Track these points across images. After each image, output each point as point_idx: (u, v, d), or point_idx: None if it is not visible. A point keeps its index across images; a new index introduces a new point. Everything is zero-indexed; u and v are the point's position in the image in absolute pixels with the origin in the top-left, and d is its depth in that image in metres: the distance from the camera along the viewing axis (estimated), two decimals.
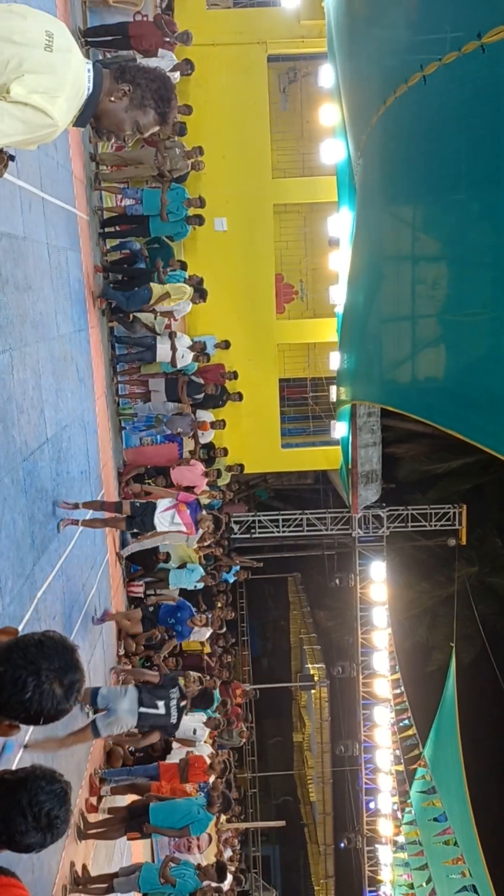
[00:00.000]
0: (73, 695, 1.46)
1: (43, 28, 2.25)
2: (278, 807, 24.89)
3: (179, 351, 10.36)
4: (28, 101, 2.11)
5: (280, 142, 14.31)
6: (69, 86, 2.24)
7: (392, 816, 17.36)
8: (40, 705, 1.41)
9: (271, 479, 17.87)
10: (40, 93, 2.13)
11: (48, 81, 2.16)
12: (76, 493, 7.31)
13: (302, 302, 15.24)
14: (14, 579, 5.08)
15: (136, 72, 2.48)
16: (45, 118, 2.15)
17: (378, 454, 14.65)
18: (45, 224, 6.64)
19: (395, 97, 7.20)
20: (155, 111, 2.51)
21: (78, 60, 2.31)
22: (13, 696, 1.40)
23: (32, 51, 2.17)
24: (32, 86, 2.12)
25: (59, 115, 2.20)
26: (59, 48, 2.23)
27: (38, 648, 1.44)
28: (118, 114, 2.48)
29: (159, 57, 9.52)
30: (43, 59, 2.18)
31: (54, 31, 2.26)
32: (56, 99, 2.18)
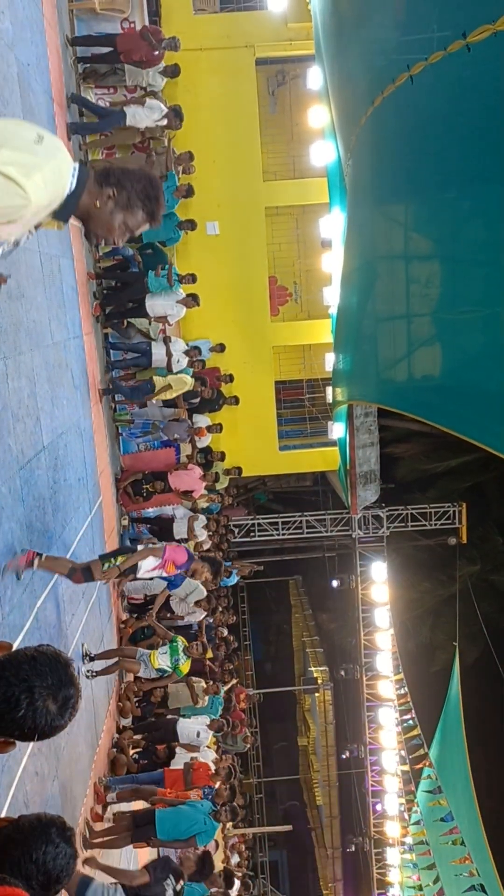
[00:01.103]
0: (68, 710, 1.45)
1: (35, 130, 2.26)
2: (285, 811, 24.84)
3: (175, 356, 10.35)
4: (1, 169, 2.05)
5: (270, 144, 14.34)
6: (49, 171, 2.20)
7: (399, 818, 17.32)
8: (34, 722, 1.40)
9: (270, 481, 17.86)
10: (15, 165, 2.08)
11: (27, 159, 2.13)
12: (74, 501, 7.30)
13: (296, 304, 15.25)
14: (13, 588, 5.06)
15: (121, 175, 2.45)
16: (16, 189, 2.08)
17: (376, 454, 14.65)
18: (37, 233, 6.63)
19: (383, 97, 7.22)
20: (143, 211, 2.50)
21: (64, 157, 2.30)
22: (6, 714, 1.38)
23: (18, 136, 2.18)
24: (8, 159, 2.08)
25: (33, 191, 2.13)
26: (48, 144, 2.23)
27: (31, 665, 1.42)
28: (106, 218, 2.47)
29: (148, 108, 9.52)
30: (27, 145, 2.17)
31: (45, 135, 2.26)
32: (32, 175, 2.12)
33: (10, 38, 6.15)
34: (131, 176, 2.47)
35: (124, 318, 10.30)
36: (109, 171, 2.45)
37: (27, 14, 6.93)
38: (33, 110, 6.82)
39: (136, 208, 2.48)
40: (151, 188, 2.50)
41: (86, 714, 7.22)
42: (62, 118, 8.39)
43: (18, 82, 6.30)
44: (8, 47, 6.07)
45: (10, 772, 4.69)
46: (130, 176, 2.47)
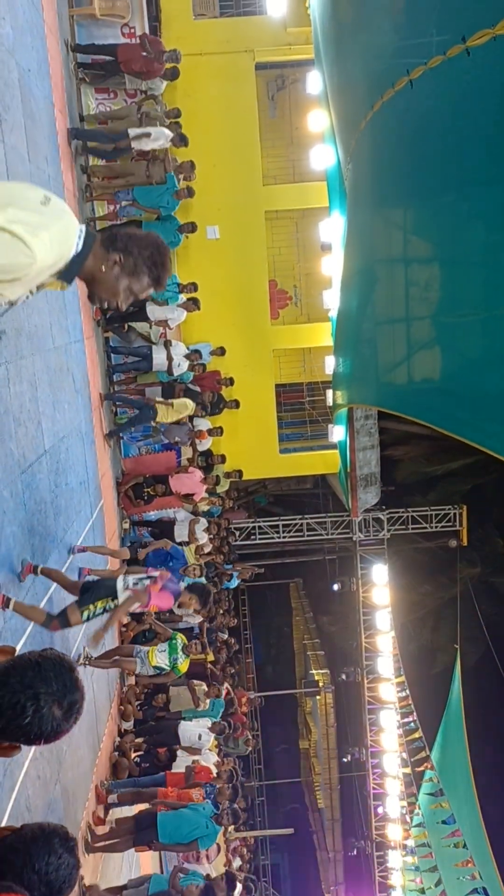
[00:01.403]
0: (73, 715, 1.45)
1: (42, 192, 2.28)
2: (286, 814, 24.81)
3: (175, 359, 10.37)
4: (7, 227, 2.05)
5: (270, 149, 14.38)
6: (55, 231, 2.21)
7: (401, 821, 17.30)
8: (40, 728, 1.40)
9: (270, 484, 17.87)
10: (22, 224, 2.09)
11: (33, 219, 2.14)
12: (76, 504, 7.31)
13: (296, 307, 15.28)
14: (16, 592, 5.08)
15: (128, 240, 2.45)
16: (22, 247, 2.08)
17: (376, 457, 14.66)
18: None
19: (383, 102, 7.24)
20: (149, 277, 2.49)
21: (70, 219, 2.31)
22: (12, 720, 1.38)
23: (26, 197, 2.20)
24: (15, 217, 2.09)
25: (39, 250, 2.13)
26: (55, 206, 2.26)
27: (36, 671, 1.42)
28: (111, 282, 2.46)
29: (153, 138, 9.56)
30: (34, 205, 2.19)
31: (52, 198, 2.28)
32: (38, 234, 2.12)
33: (10, 44, 6.18)
34: (138, 242, 2.46)
35: (125, 321, 10.32)
36: (116, 235, 2.45)
37: (28, 19, 6.96)
38: (34, 115, 6.85)
39: (141, 274, 2.47)
40: (158, 254, 2.49)
41: (87, 717, 7.22)
42: (63, 123, 8.42)
43: (19, 87, 6.33)
44: (9, 52, 6.09)
45: (13, 776, 4.70)
46: (137, 242, 2.45)
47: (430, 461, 17.55)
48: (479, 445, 6.65)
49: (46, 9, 7.84)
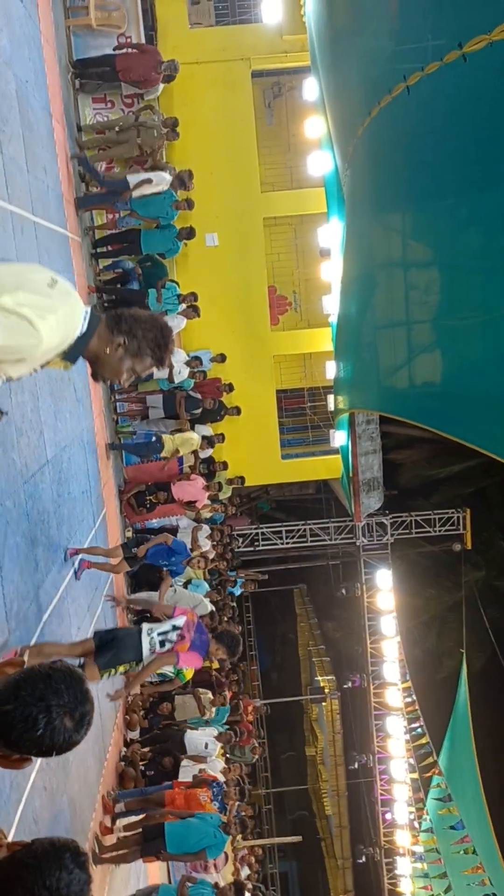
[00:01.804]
0: (84, 726, 1.45)
1: (49, 274, 2.32)
2: (294, 822, 24.68)
3: (176, 367, 10.38)
4: (16, 310, 2.11)
5: (267, 156, 14.43)
6: (62, 313, 2.26)
7: (409, 827, 17.21)
8: (52, 741, 1.40)
9: (272, 490, 17.85)
10: (30, 307, 2.14)
11: (41, 301, 2.19)
12: (78, 514, 7.30)
13: (296, 313, 15.29)
14: (19, 603, 5.06)
15: (133, 322, 2.49)
16: (29, 329, 2.14)
17: (379, 461, 14.64)
18: (38, 248, 6.68)
19: (380, 107, 7.26)
20: (152, 358, 2.55)
21: (76, 301, 2.36)
22: (24, 733, 1.38)
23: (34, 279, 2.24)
24: (23, 300, 2.14)
25: (46, 332, 2.19)
26: (61, 289, 2.30)
27: (47, 683, 1.42)
28: (115, 363, 2.52)
29: (154, 183, 9.67)
30: (42, 288, 2.23)
31: (58, 280, 2.33)
32: (46, 316, 2.18)
33: (7, 56, 6.20)
34: (143, 324, 2.51)
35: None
36: (121, 317, 2.49)
37: (25, 31, 7.00)
38: (32, 126, 6.87)
39: (145, 356, 2.53)
40: (162, 336, 2.55)
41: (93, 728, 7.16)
42: (60, 134, 8.45)
43: (17, 99, 6.35)
44: (6, 64, 6.12)
45: (20, 788, 4.68)
46: (142, 324, 2.50)
47: (433, 465, 17.52)
48: (481, 448, 6.64)
49: (43, 20, 7.88)
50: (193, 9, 13.74)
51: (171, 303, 10.12)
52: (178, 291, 10.33)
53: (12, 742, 1.40)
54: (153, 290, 9.95)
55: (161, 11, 12.42)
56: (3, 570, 4.79)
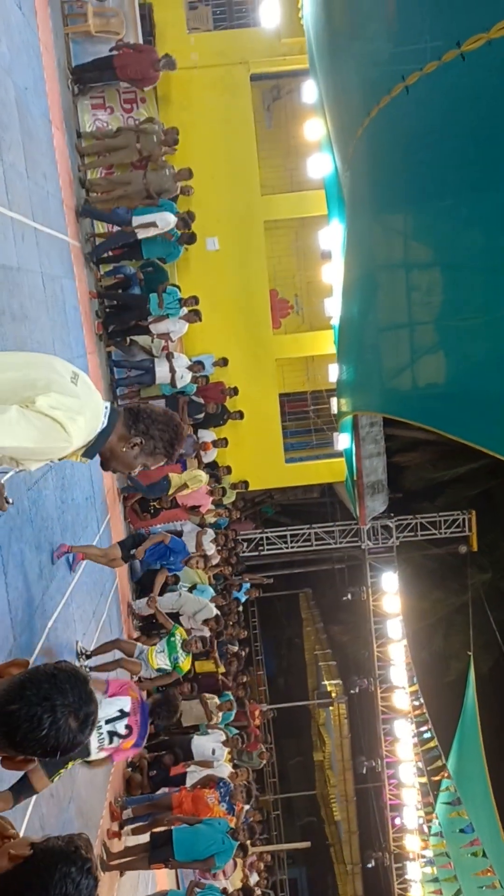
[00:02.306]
0: (88, 727, 1.43)
1: (70, 368, 2.44)
2: (303, 828, 24.55)
3: (178, 372, 10.37)
4: (49, 413, 2.21)
5: (267, 159, 14.43)
6: (89, 412, 2.37)
7: (419, 831, 17.10)
8: (57, 741, 1.38)
9: (277, 494, 17.80)
10: (62, 409, 2.24)
11: (71, 403, 2.29)
12: (82, 520, 7.28)
13: (298, 316, 15.28)
14: (24, 609, 5.04)
15: (150, 422, 2.59)
16: (61, 432, 2.25)
17: (383, 464, 14.59)
18: (39, 254, 6.68)
19: (379, 108, 7.25)
20: (164, 455, 2.68)
21: (97, 397, 2.47)
22: (29, 733, 1.36)
23: (60, 375, 2.35)
24: (55, 402, 2.24)
25: (76, 434, 2.30)
26: (84, 384, 2.42)
27: (52, 683, 1.41)
28: (129, 460, 2.64)
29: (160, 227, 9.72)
30: (68, 386, 2.34)
31: (79, 374, 2.44)
32: (76, 419, 2.29)
33: (7, 63, 6.21)
34: (159, 425, 2.61)
35: (127, 335, 10.33)
36: (139, 415, 2.60)
37: (23, 39, 7.01)
38: (32, 133, 6.88)
39: (158, 455, 2.65)
40: (176, 437, 2.66)
41: None
42: (60, 140, 8.47)
43: (17, 106, 6.36)
44: (6, 72, 6.13)
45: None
46: (158, 425, 2.61)
47: (437, 467, 17.45)
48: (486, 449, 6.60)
49: (41, 28, 7.90)
50: (191, 13, 13.77)
51: (173, 307, 10.12)
52: (179, 296, 10.33)
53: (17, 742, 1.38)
54: (154, 295, 9.95)
55: (159, 16, 12.44)
56: (7, 577, 4.78)
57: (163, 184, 9.97)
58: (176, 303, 10.14)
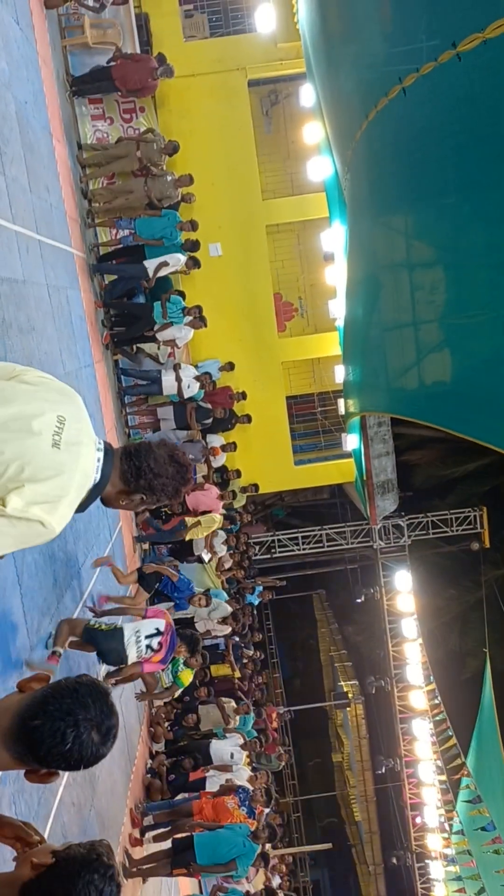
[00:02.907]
0: (110, 740, 1.46)
1: (55, 413, 2.00)
2: (323, 829, 24.51)
3: (185, 381, 10.42)
4: (25, 514, 1.86)
5: (267, 164, 14.49)
6: (74, 489, 2.00)
7: (440, 829, 17.05)
8: (80, 754, 1.41)
9: (287, 496, 17.83)
10: (40, 503, 1.88)
11: (51, 488, 1.92)
12: (94, 527, 7.33)
13: (302, 318, 15.32)
14: (39, 619, 5.09)
15: (152, 476, 2.24)
16: (41, 530, 1.92)
17: (392, 463, 14.59)
18: (44, 266, 6.74)
19: (377, 111, 7.28)
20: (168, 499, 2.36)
21: (87, 453, 2.08)
22: (53, 748, 1.39)
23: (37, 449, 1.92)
24: (32, 497, 1.86)
25: (59, 523, 1.95)
26: (69, 441, 1.99)
27: (74, 697, 1.44)
28: (130, 508, 2.37)
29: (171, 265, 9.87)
30: (48, 459, 1.93)
31: (66, 416, 2.03)
32: (57, 507, 1.93)
33: (6, 78, 6.28)
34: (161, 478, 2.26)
35: (133, 343, 10.39)
36: (140, 470, 2.22)
37: (22, 53, 7.08)
38: (33, 147, 6.95)
39: (162, 500, 2.35)
40: (182, 481, 2.32)
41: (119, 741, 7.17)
42: (62, 153, 8.53)
43: (17, 120, 6.43)
44: (5, 86, 6.20)
45: (48, 803, 4.69)
46: (160, 478, 2.26)
47: (447, 464, 17.43)
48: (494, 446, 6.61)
49: (40, 42, 7.98)
50: (187, 22, 13.84)
51: (176, 315, 10.17)
52: (182, 304, 10.39)
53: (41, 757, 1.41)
54: (158, 304, 10.01)
55: (155, 26, 12.52)
56: (22, 588, 4.82)
57: (164, 191, 10.03)
58: (179, 311, 10.19)
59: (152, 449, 2.27)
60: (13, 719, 1.41)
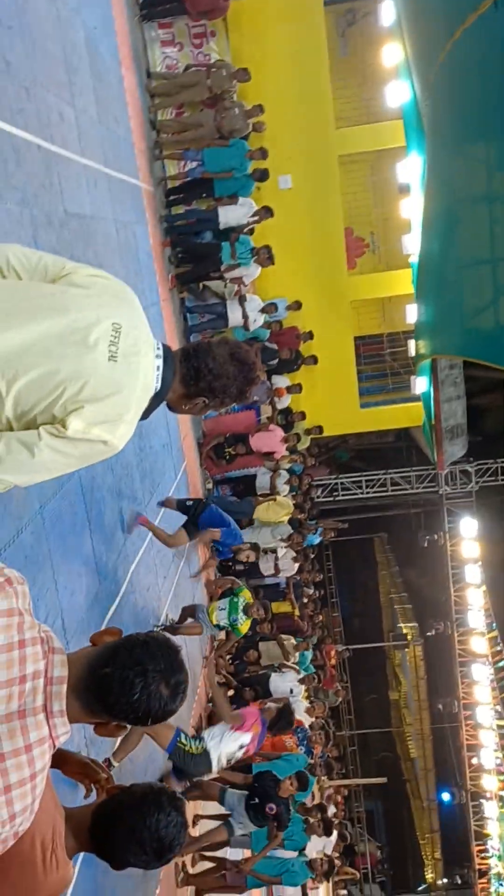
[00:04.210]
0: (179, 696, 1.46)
1: (110, 321, 1.91)
2: (378, 763, 25.12)
3: (251, 316, 10.27)
4: (86, 436, 1.82)
5: (342, 89, 13.78)
6: (134, 404, 1.92)
7: (496, 772, 17.22)
8: (148, 706, 1.42)
9: (351, 439, 17.64)
10: (101, 423, 1.83)
11: (111, 406, 1.85)
12: (160, 467, 7.41)
13: (374, 255, 14.80)
14: (107, 555, 5.21)
15: (212, 377, 2.12)
16: (104, 448, 1.88)
17: (462, 407, 14.17)
18: (112, 200, 6.64)
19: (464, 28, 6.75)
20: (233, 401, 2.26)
21: (146, 363, 1.98)
22: (121, 697, 1.41)
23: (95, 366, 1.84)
24: (92, 418, 1.81)
25: (121, 440, 1.90)
26: (126, 352, 1.90)
27: (144, 649, 1.45)
28: (193, 413, 2.27)
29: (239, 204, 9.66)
30: (106, 377, 1.85)
31: (122, 323, 1.94)
32: (118, 424, 1.87)
33: (76, 2, 6.08)
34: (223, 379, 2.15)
35: (199, 281, 10.27)
36: (199, 372, 2.11)
37: None
38: (102, 76, 6.77)
39: (227, 403, 2.25)
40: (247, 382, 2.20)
41: None
42: (130, 82, 8.31)
43: (86, 47, 6.25)
44: (74, 12, 6.01)
45: None
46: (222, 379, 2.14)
47: None
48: None
49: None
50: None
51: (245, 257, 9.97)
52: (251, 245, 10.16)
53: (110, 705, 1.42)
54: (227, 244, 9.80)
55: None
56: (91, 524, 4.92)
57: (234, 123, 9.70)
58: (248, 252, 9.97)
59: (211, 348, 2.16)
60: (84, 669, 1.43)
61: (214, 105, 9.86)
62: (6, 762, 1.30)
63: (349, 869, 13.71)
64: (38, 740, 1.34)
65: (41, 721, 1.35)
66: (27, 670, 1.37)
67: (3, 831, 1.30)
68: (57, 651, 1.43)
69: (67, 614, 4.25)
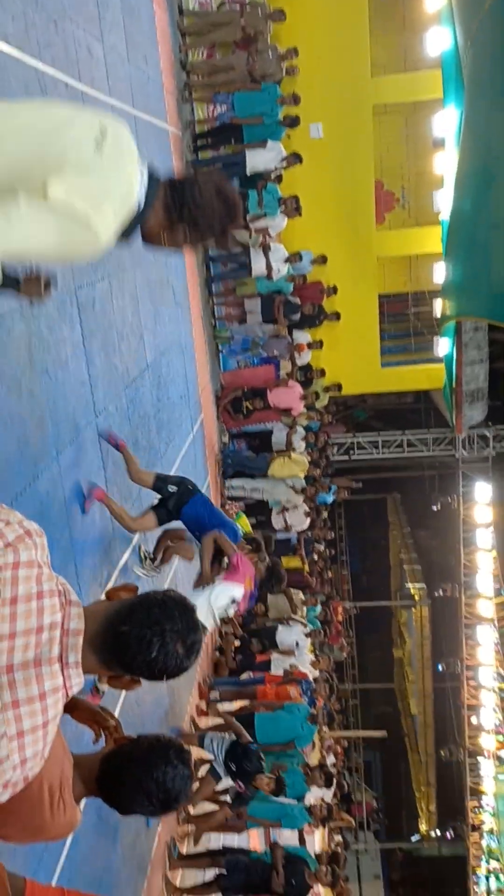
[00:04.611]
0: (194, 654, 1.48)
1: (98, 119, 1.89)
2: (378, 717, 25.66)
3: (275, 266, 10.10)
4: (67, 207, 1.73)
5: (380, 35, 13.25)
6: (118, 197, 1.86)
7: (495, 731, 17.53)
8: (164, 664, 1.45)
9: (370, 398, 17.52)
10: (83, 196, 1.76)
11: (93, 186, 1.79)
12: (177, 418, 7.40)
13: (403, 210, 14.45)
14: (123, 503, 5.25)
15: (196, 211, 2.05)
16: (84, 230, 1.78)
17: (485, 371, 13.97)
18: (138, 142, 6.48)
19: None
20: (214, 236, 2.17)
21: (132, 169, 1.93)
22: (138, 654, 1.43)
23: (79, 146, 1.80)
24: (74, 187, 1.74)
25: (103, 230, 1.81)
26: (111, 151, 1.85)
27: (161, 608, 1.47)
28: (172, 244, 2.15)
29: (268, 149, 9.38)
30: (89, 158, 1.80)
31: (108, 127, 1.90)
32: (102, 208, 1.79)
33: None
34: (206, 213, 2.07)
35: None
36: (183, 203, 2.04)
37: None
38: (132, 11, 6.54)
39: (207, 238, 2.16)
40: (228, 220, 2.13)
41: None
42: (162, 18, 8.04)
43: None
44: None
45: None
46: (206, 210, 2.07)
47: None
48: None
49: None
50: None
51: (272, 206, 9.76)
52: (279, 194, 9.93)
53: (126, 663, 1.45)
54: (254, 192, 9.59)
55: None
56: (106, 472, 4.95)
57: (267, 68, 9.38)
58: (275, 202, 9.76)
59: (198, 180, 2.10)
60: (102, 624, 1.45)
61: (247, 47, 9.52)
62: (20, 708, 1.32)
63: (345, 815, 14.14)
64: (52, 689, 1.36)
65: (56, 671, 1.37)
66: (45, 621, 1.38)
67: (15, 775, 1.33)
68: (74, 604, 1.45)
69: (79, 560, 4.31)
